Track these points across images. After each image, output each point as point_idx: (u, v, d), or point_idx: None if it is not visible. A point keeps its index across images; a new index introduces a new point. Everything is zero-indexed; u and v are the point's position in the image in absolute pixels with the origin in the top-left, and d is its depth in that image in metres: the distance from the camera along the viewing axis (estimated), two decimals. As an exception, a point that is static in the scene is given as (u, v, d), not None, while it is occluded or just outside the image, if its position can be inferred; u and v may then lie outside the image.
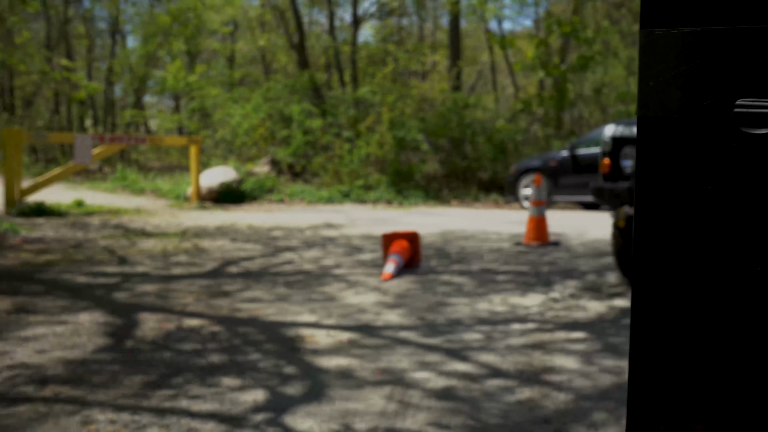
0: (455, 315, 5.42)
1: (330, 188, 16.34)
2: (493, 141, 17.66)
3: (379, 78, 21.02)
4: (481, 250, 8.53)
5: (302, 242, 9.40)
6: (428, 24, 33.75)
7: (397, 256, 7.25)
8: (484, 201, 16.31)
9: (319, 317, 5.41)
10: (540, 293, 6.15)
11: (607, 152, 6.13)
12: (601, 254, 8.09)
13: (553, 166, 13.95)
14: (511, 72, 28.70)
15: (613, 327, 5.01)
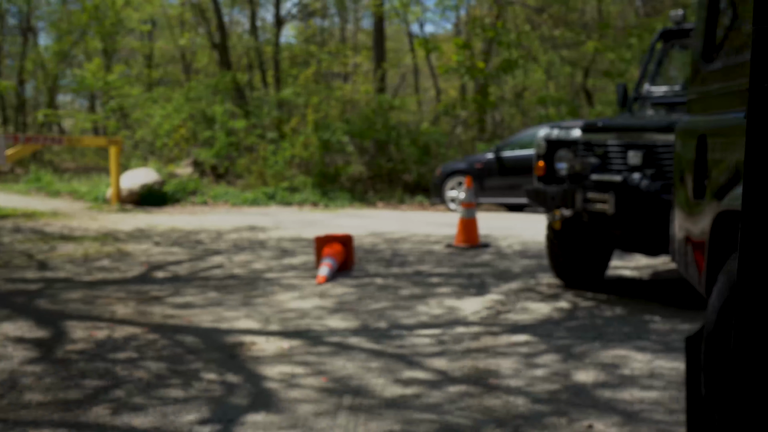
0: (396, 319, 5.37)
1: (255, 190, 16.10)
2: (418, 143, 17.72)
3: (302, 79, 20.86)
4: (413, 253, 8.51)
5: (230, 245, 9.20)
6: (350, 26, 33.74)
7: (331, 260, 7.16)
8: (409, 203, 16.33)
9: (257, 323, 5.28)
10: (477, 296, 6.16)
11: (541, 155, 6.18)
12: (532, 256, 8.18)
13: (479, 169, 14.07)
14: (434, 75, 28.94)
15: (557, 329, 5.05)
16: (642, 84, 6.96)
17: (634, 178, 5.31)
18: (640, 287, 6.47)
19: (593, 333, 4.90)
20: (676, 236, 3.27)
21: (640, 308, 5.58)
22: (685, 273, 3.14)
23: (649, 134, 5.45)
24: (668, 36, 6.91)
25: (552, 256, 6.38)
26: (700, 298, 5.85)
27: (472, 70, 18.50)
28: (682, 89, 6.67)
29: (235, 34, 25.44)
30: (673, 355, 4.38)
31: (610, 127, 5.72)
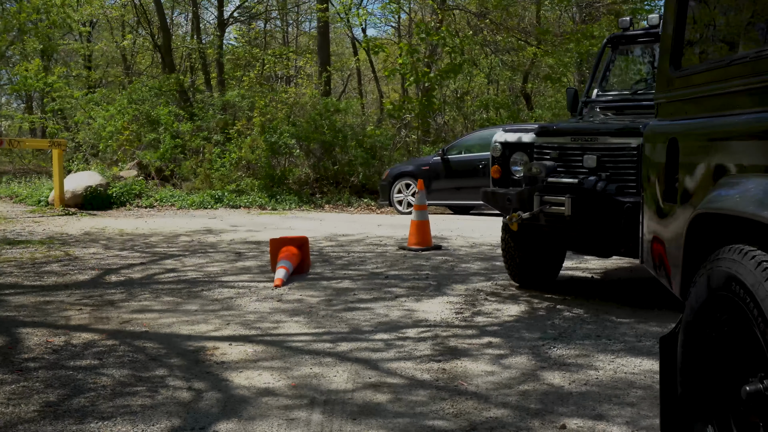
0: (356, 323, 5.38)
1: (201, 193, 15.91)
2: (364, 146, 17.74)
3: (247, 82, 20.70)
4: (368, 255, 8.53)
5: (182, 249, 9.09)
6: (291, 29, 33.60)
7: (287, 262, 7.13)
8: (356, 205, 16.35)
9: (217, 327, 5.23)
10: (435, 298, 6.21)
11: (496, 158, 6.26)
12: (485, 257, 8.27)
13: (425, 171, 14.15)
14: (376, 78, 29.02)
15: (521, 330, 5.12)
16: (591, 88, 7.10)
17: (590, 181, 5.41)
18: (593, 288, 6.60)
19: (556, 333, 4.99)
20: (644, 238, 3.36)
21: (597, 308, 5.69)
22: (655, 273, 3.23)
23: (604, 137, 5.57)
24: (616, 42, 7.06)
25: (508, 258, 6.46)
26: (653, 298, 6.01)
27: (417, 74, 18.59)
28: (631, 93, 6.83)
29: (177, 37, 25.09)
30: (636, 354, 4.48)
31: (565, 131, 5.82)
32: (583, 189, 5.40)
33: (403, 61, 18.49)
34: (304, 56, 25.84)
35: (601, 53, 7.10)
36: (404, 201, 14.38)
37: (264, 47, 26.44)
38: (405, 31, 29.90)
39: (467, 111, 23.29)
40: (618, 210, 5.29)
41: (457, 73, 18.98)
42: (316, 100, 18.28)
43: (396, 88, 33.15)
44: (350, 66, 27.64)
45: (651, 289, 6.47)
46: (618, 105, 6.81)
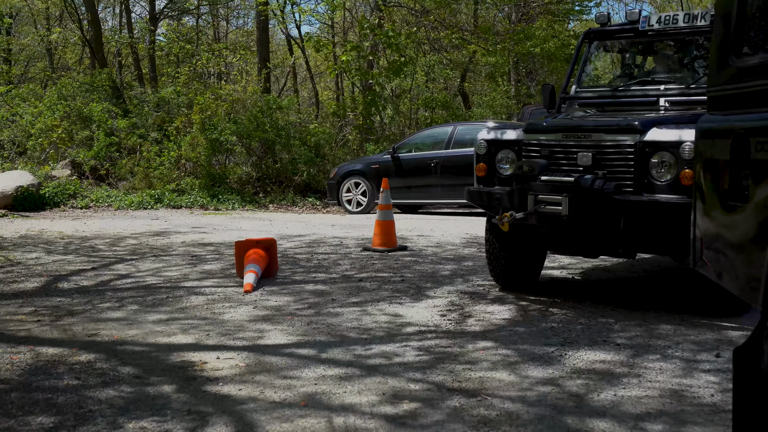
0: (345, 330, 5.06)
1: (140, 193, 15.26)
2: (308, 144, 17.35)
3: (183, 78, 20.04)
4: (332, 257, 8.19)
5: (131, 252, 8.58)
6: (225, 26, 32.85)
7: (255, 266, 6.75)
8: (302, 205, 15.95)
9: (197, 338, 4.83)
10: (418, 301, 5.93)
11: (482, 155, 6.02)
12: (455, 258, 8.04)
13: (375, 170, 13.87)
14: (312, 76, 28.58)
15: (520, 335, 4.87)
16: (569, 85, 6.93)
17: (587, 180, 5.22)
18: (578, 289, 6.43)
19: (559, 338, 4.76)
20: (700, 241, 3.14)
21: (591, 311, 5.51)
22: (716, 278, 3.01)
23: (599, 134, 5.38)
24: (593, 37, 6.92)
25: (492, 259, 6.22)
26: (642, 298, 5.86)
27: (361, 72, 18.30)
28: (611, 90, 6.69)
29: (107, 31, 24.17)
30: (651, 360, 4.29)
31: (556, 128, 5.62)
32: (580, 188, 5.20)
33: (347, 58, 18.16)
34: (239, 52, 25.19)
35: (579, 48, 6.94)
36: (353, 200, 14.07)
37: (196, 44, 25.71)
38: (340, 29, 29.59)
39: (407, 109, 23.11)
40: (617, 210, 5.11)
41: (401, 71, 18.73)
42: (257, 97, 17.78)
43: (330, 86, 32.78)
44: (289, 63, 27.10)
45: (637, 290, 6.33)
46: (598, 101, 6.65)
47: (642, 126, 5.24)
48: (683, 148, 5.00)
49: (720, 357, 4.33)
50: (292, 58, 26.05)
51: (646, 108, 6.29)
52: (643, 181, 5.20)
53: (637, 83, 6.54)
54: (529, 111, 16.57)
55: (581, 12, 30.37)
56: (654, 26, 6.41)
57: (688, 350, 4.48)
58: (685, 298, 5.92)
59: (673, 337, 4.78)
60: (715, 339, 4.73)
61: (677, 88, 6.23)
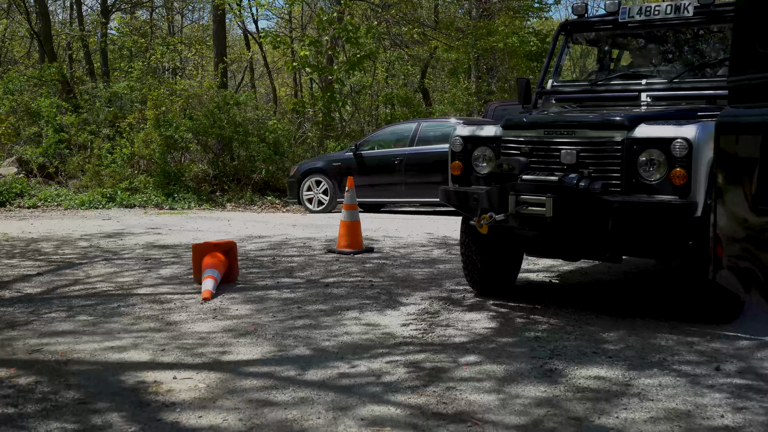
0: (316, 342, 4.66)
1: (91, 192, 14.65)
2: (267, 141, 16.88)
3: (136, 73, 19.39)
4: (297, 259, 7.78)
5: (82, 256, 8.06)
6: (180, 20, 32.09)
7: (214, 271, 6.31)
8: (260, 204, 15.48)
9: (152, 354, 4.39)
10: (393, 309, 5.55)
11: (457, 153, 5.66)
12: (425, 261, 7.68)
13: (337, 167, 13.46)
14: (269, 72, 28.02)
15: (506, 347, 4.52)
16: (545, 79, 6.61)
17: (572, 179, 4.89)
18: (558, 294, 6.11)
19: (546, 350, 4.42)
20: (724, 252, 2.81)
21: (576, 319, 5.18)
22: (745, 293, 2.68)
23: (583, 131, 5.05)
24: (570, 29, 6.60)
25: (468, 263, 5.87)
26: (626, 304, 5.56)
27: (320, 67, 17.85)
28: (590, 84, 6.38)
29: (57, 23, 23.34)
30: (649, 375, 3.97)
31: (538, 123, 5.28)
32: (565, 188, 4.87)
33: (306, 53, 17.68)
34: (194, 46, 24.54)
35: (555, 41, 6.62)
36: (314, 199, 13.64)
37: (150, 38, 24.98)
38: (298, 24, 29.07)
39: (367, 106, 22.73)
40: (605, 211, 4.79)
41: (361, 66, 18.31)
42: (213, 93, 17.24)
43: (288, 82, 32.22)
44: (246, 58, 26.51)
45: (618, 294, 6.03)
46: (577, 96, 6.35)
47: (629, 122, 4.92)
48: (674, 145, 4.70)
49: (720, 370, 4.03)
50: (249, 53, 25.45)
51: (627, 103, 6.00)
52: (631, 180, 4.89)
53: (617, 77, 6.24)
54: (492, 108, 16.27)
55: (540, 9, 30.34)
56: (635, 17, 6.11)
57: (686, 363, 4.17)
58: (670, 303, 5.63)
59: (666, 347, 4.47)
60: (712, 349, 4.44)
61: (660, 83, 5.94)
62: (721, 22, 5.88)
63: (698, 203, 4.65)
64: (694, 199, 4.66)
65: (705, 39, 6.02)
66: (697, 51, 6.05)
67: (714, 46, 5.98)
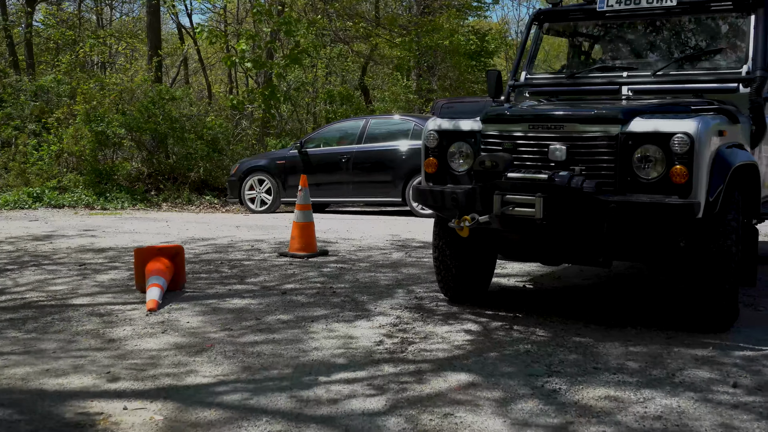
0: (284, 359, 4.13)
1: (15, 191, 13.73)
2: (205, 138, 16.16)
3: (65, 66, 18.39)
4: (247, 264, 7.20)
5: (7, 261, 7.33)
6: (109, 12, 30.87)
7: (160, 279, 5.71)
8: (198, 204, 14.78)
9: (96, 379, 3.80)
10: (363, 319, 5.05)
11: (432, 149, 5.20)
12: (387, 265, 7.19)
13: (281, 166, 12.87)
14: (204, 67, 27.15)
15: (496, 363, 4.07)
16: (518, 71, 6.20)
17: (564, 177, 4.48)
18: (535, 300, 5.70)
19: (543, 366, 3.99)
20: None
21: (563, 329, 4.77)
22: None
23: (573, 125, 4.64)
24: (544, 18, 6.21)
25: (442, 269, 5.41)
26: (611, 312, 5.19)
27: (259, 62, 17.18)
28: (567, 77, 6.01)
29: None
30: (657, 389, 3.57)
31: (522, 116, 4.85)
32: (556, 187, 4.45)
33: (244, 47, 16.99)
34: (126, 39, 23.55)
35: (528, 31, 6.22)
36: (257, 199, 13.03)
37: (79, 30, 23.87)
38: (233, 18, 28.23)
39: (307, 103, 22.13)
40: (600, 212, 4.39)
41: (300, 60, 17.68)
42: (148, 87, 16.41)
43: (223, 78, 31.31)
44: (180, 53, 25.61)
45: (599, 300, 5.64)
46: (552, 89, 5.96)
47: (624, 115, 4.53)
48: (674, 140, 4.32)
49: (738, 387, 3.66)
50: (185, 47, 24.58)
51: (607, 97, 5.64)
52: (626, 178, 4.50)
53: (596, 69, 5.88)
54: (440, 105, 15.88)
55: (479, 9, 30.22)
56: (614, 6, 5.75)
57: (697, 379, 3.80)
58: (658, 309, 5.29)
59: (669, 361, 4.09)
60: (719, 362, 4.07)
61: (642, 76, 5.59)
62: (705, 13, 5.57)
63: (700, 203, 4.29)
64: (695, 199, 4.30)
65: (689, 30, 5.69)
66: (681, 42, 5.72)
67: (698, 37, 5.66)
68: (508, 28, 40.25)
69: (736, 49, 5.39)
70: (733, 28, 5.47)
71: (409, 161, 11.79)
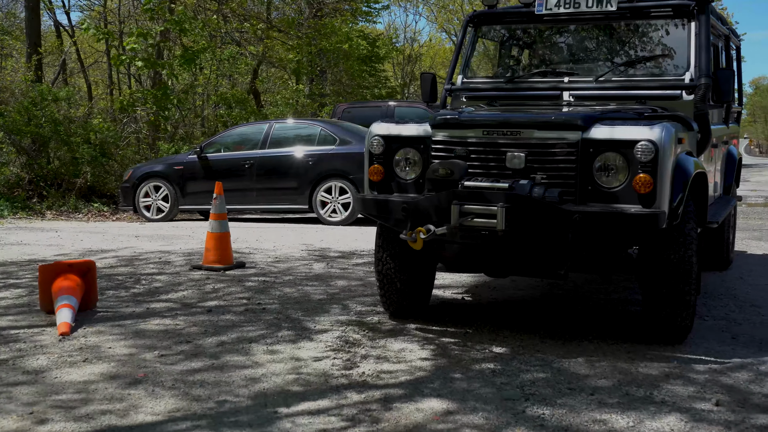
0: (235, 389, 3.71)
1: None
2: (92, 142, 15.22)
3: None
4: (161, 278, 6.66)
5: None
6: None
7: (71, 298, 5.14)
8: (86, 211, 13.87)
9: (20, 420, 3.27)
10: (304, 339, 4.67)
11: (377, 155, 4.87)
12: (313, 277, 6.81)
13: (179, 171, 12.22)
14: (83, 67, 25.83)
15: (466, 388, 3.79)
16: (454, 75, 5.98)
17: (524, 186, 4.26)
18: (478, 313, 5.45)
19: (514, 388, 3.74)
20: None
21: (521, 346, 4.54)
22: None
23: (531, 131, 4.43)
24: (480, 20, 6.01)
25: (386, 282, 5.09)
26: (561, 325, 5.02)
27: (152, 61, 16.38)
28: (505, 81, 5.82)
29: None
30: (641, 410, 3.38)
31: (476, 122, 4.59)
32: (518, 197, 4.22)
33: (135, 46, 16.15)
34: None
35: (463, 34, 6.01)
36: (153, 206, 12.32)
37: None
38: (114, 17, 26.99)
39: (198, 106, 21.35)
40: (564, 222, 4.18)
41: (195, 61, 16.97)
42: (28, 87, 15.33)
43: (103, 79, 29.89)
44: (63, 50, 24.25)
45: (546, 313, 5.46)
46: (491, 94, 5.76)
47: (584, 122, 4.36)
48: (638, 148, 4.18)
49: (721, 405, 3.52)
50: (66, 45, 23.27)
51: (548, 102, 5.49)
52: (587, 187, 4.33)
53: (537, 74, 5.72)
54: (341, 109, 15.62)
55: (368, 13, 30.16)
56: (553, 10, 5.60)
57: (677, 397, 3.64)
58: (609, 321, 5.16)
59: (643, 378, 3.93)
60: (690, 378, 3.94)
61: (585, 81, 5.46)
62: (645, 19, 5.50)
63: (665, 213, 4.16)
64: (660, 209, 4.16)
65: (630, 35, 5.60)
66: (623, 48, 5.63)
67: (640, 43, 5.59)
68: (397, 34, 40.56)
69: (678, 56, 5.33)
70: (674, 35, 5.41)
71: (316, 167, 11.41)
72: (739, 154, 7.54)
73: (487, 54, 6.36)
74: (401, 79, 39.92)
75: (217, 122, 20.70)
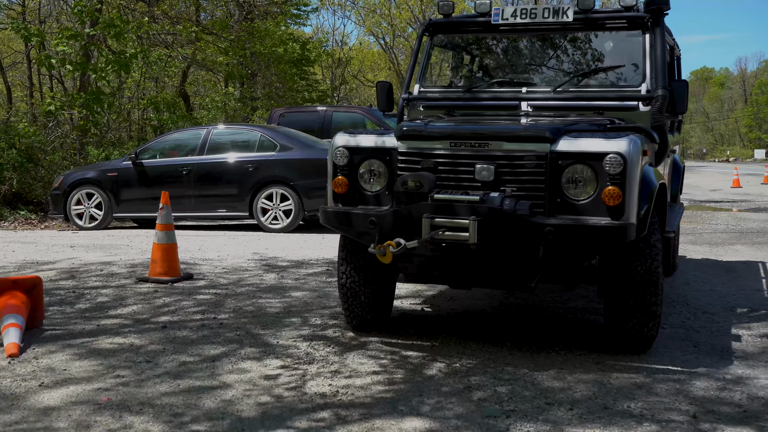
0: (207, 411, 3.57)
1: None
2: (18, 147, 14.66)
3: None
4: (106, 292, 6.41)
5: None
6: None
7: (17, 317, 4.90)
8: (11, 220, 13.34)
9: (-20, 455, 3.08)
10: (272, 356, 4.54)
11: (341, 167, 4.77)
12: (267, 289, 6.66)
13: (112, 178, 11.85)
14: (2, 69, 24.90)
15: (437, 400, 3.73)
16: (411, 84, 5.93)
17: (495, 199, 4.23)
18: (440, 325, 5.41)
19: (493, 404, 3.70)
20: None
21: (491, 359, 4.51)
22: None
23: (499, 143, 4.41)
24: (435, 29, 5.98)
25: (350, 295, 5.00)
26: (526, 336, 5.02)
27: (82, 64, 15.85)
28: (464, 91, 5.80)
29: None
30: (620, 424, 3.38)
31: (444, 134, 4.54)
32: (490, 209, 4.19)
33: (64, 48, 15.61)
34: None
35: (419, 42, 5.96)
36: (85, 214, 11.91)
37: None
38: (34, 17, 26.09)
39: (127, 109, 20.83)
40: (536, 236, 4.17)
41: (128, 65, 16.52)
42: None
43: (21, 81, 28.86)
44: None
45: (504, 323, 5.45)
46: (448, 104, 5.74)
47: (551, 134, 4.36)
48: (607, 160, 4.20)
49: (698, 418, 3.56)
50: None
51: (506, 113, 5.49)
52: (555, 200, 4.33)
53: (495, 84, 5.72)
54: (278, 114, 15.41)
55: (298, 16, 29.95)
56: (509, 20, 5.62)
57: (654, 409, 3.66)
58: (568, 331, 5.18)
59: (618, 390, 3.94)
60: (664, 390, 3.97)
61: (542, 92, 5.49)
62: (601, 30, 5.56)
63: (634, 225, 4.19)
64: (629, 221, 4.19)
65: (587, 46, 5.65)
66: (580, 59, 5.68)
67: (597, 53, 5.64)
68: (326, 37, 40.38)
69: (634, 68, 5.40)
70: (630, 47, 5.47)
71: (256, 173, 11.22)
72: (682, 162, 7.72)
73: (444, 63, 6.34)
74: (331, 82, 39.79)
75: (146, 126, 20.23)
